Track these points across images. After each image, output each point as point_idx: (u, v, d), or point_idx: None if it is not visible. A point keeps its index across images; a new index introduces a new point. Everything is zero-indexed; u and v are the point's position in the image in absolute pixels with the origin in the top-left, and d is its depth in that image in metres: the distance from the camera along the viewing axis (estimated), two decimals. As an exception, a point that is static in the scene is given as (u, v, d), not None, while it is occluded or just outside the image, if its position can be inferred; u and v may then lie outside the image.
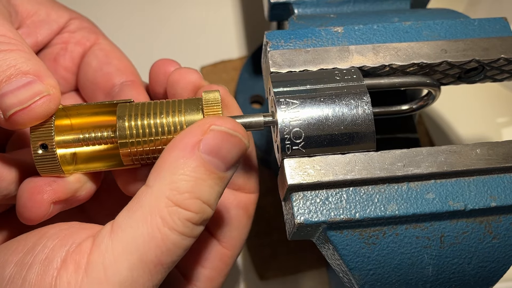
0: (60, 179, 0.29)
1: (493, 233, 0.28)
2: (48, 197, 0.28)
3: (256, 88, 0.53)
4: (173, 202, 0.25)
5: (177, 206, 0.25)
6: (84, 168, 0.29)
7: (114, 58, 0.36)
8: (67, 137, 0.29)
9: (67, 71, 0.37)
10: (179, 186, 0.25)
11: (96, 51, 0.36)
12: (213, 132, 0.26)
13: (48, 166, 0.28)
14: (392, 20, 0.33)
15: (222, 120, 0.27)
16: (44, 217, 0.29)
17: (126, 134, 0.28)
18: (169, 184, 0.26)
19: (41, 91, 0.27)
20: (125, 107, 0.28)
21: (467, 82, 0.33)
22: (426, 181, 0.28)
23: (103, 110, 0.29)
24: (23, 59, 0.27)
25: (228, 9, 0.59)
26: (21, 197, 0.28)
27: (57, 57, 0.36)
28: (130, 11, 0.58)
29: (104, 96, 0.35)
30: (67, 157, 0.29)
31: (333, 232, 0.27)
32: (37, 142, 0.27)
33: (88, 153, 0.30)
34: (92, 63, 0.36)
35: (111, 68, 0.35)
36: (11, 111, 0.26)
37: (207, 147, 0.26)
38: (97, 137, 0.29)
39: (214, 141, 0.26)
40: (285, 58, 0.30)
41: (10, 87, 0.26)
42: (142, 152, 0.28)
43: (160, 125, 0.28)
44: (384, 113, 0.34)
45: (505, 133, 0.53)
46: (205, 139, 0.26)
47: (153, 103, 0.28)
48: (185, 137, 0.26)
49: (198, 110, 0.28)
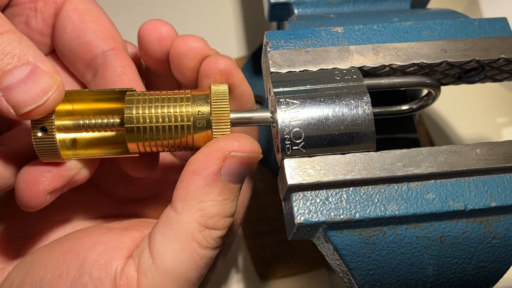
0: (55, 168, 0.29)
1: (493, 233, 0.28)
2: (44, 188, 0.28)
3: (256, 88, 0.53)
4: (205, 226, 0.28)
5: (208, 229, 0.28)
6: (83, 154, 0.29)
7: (91, 21, 0.32)
8: (67, 122, 0.29)
9: (42, 35, 0.33)
10: (208, 212, 0.28)
11: (70, 13, 0.32)
12: (232, 158, 0.28)
13: (47, 150, 0.28)
14: (392, 20, 0.33)
15: (240, 143, 0.28)
16: (42, 206, 0.29)
17: (133, 123, 0.28)
18: (198, 211, 0.28)
19: (51, 85, 0.26)
20: (133, 97, 0.28)
21: (467, 82, 0.33)
22: (426, 181, 0.28)
23: (105, 96, 0.29)
24: (15, 43, 0.26)
25: (228, 9, 0.59)
26: (18, 188, 0.28)
27: (28, 20, 0.33)
28: (130, 11, 0.58)
29: (85, 66, 0.33)
30: (66, 142, 0.29)
31: (333, 232, 0.27)
32: (37, 125, 0.27)
33: (88, 139, 0.30)
34: (67, 29, 0.32)
35: (89, 35, 0.32)
36: (26, 109, 0.26)
37: (228, 171, 0.28)
38: (98, 123, 0.29)
39: (234, 166, 0.28)
40: (285, 58, 0.30)
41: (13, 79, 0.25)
42: (149, 144, 0.28)
43: (167, 118, 0.28)
44: (384, 113, 0.34)
45: (505, 133, 0.53)
46: (226, 166, 0.28)
47: (161, 95, 0.28)
48: (206, 162, 0.28)
49: (206, 103, 0.28)
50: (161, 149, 0.29)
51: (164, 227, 0.28)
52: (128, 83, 0.32)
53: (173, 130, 0.28)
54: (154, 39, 0.32)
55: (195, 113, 0.28)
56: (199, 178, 0.28)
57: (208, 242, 0.28)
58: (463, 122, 0.54)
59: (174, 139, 0.28)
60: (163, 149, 0.29)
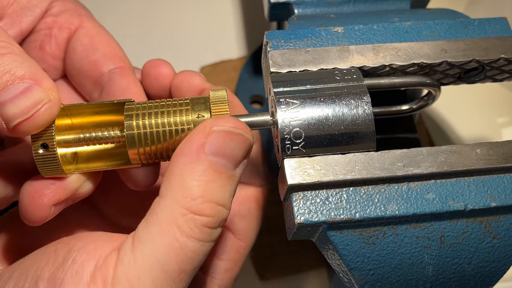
0: (59, 181, 0.29)
1: (493, 233, 0.28)
2: (48, 200, 0.28)
3: (256, 88, 0.53)
4: (187, 209, 0.26)
5: (192, 213, 0.26)
6: (85, 167, 0.29)
7: (100, 43, 0.35)
8: (67, 136, 0.29)
9: (55, 58, 0.36)
10: (191, 192, 0.26)
11: (81, 36, 0.35)
12: (215, 133, 0.26)
13: (49, 165, 0.28)
14: (392, 20, 0.33)
15: (223, 120, 0.27)
16: (46, 219, 0.29)
17: (133, 133, 0.28)
18: (181, 191, 0.26)
19: (41, 99, 0.26)
20: (132, 106, 0.28)
21: (467, 82, 0.33)
22: (426, 181, 0.28)
23: (104, 109, 0.29)
24: (16, 63, 0.26)
25: (228, 9, 0.59)
26: (22, 201, 0.28)
27: (43, 44, 0.35)
28: (130, 11, 0.58)
29: (92, 85, 0.34)
30: (67, 157, 0.29)
31: (333, 232, 0.27)
32: (38, 142, 0.27)
33: (89, 152, 0.30)
34: (77, 50, 0.35)
35: (97, 55, 0.34)
36: (15, 121, 0.26)
37: (212, 148, 0.26)
38: (99, 136, 0.29)
39: (217, 141, 0.26)
40: (285, 58, 0.30)
41: (8, 95, 0.26)
42: (150, 151, 0.28)
43: (167, 124, 0.28)
44: (384, 113, 0.34)
45: (505, 133, 0.53)
46: (208, 141, 0.26)
47: (160, 102, 0.28)
48: (189, 142, 0.27)
49: (205, 109, 0.28)
50: (162, 158, 0.29)
51: (149, 213, 0.26)
52: (133, 97, 0.32)
53: (174, 134, 0.28)
54: (153, 77, 0.34)
55: (195, 117, 0.28)
56: (181, 157, 0.26)
57: (190, 229, 0.25)
58: (463, 122, 0.54)
59: (175, 144, 0.28)
60: (164, 157, 0.29)
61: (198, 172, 0.26)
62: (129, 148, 0.28)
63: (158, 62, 0.34)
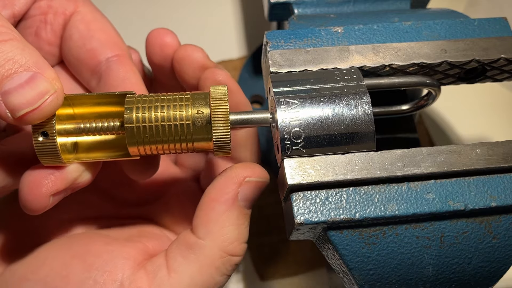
0: (58, 171, 0.29)
1: (493, 233, 0.28)
2: (47, 190, 0.28)
3: (256, 88, 0.53)
4: (226, 252, 0.30)
5: (229, 256, 0.30)
6: (85, 157, 0.30)
7: (97, 30, 0.34)
8: (68, 126, 0.29)
9: (51, 45, 0.35)
10: (229, 237, 0.30)
11: (77, 23, 0.34)
12: (248, 183, 0.30)
13: (48, 153, 0.28)
14: (392, 20, 0.33)
15: (252, 170, 0.31)
16: (45, 209, 0.29)
17: (133, 126, 0.28)
18: (220, 236, 0.30)
19: (47, 89, 0.26)
20: (133, 99, 0.28)
21: (467, 82, 0.33)
22: (426, 181, 0.28)
23: (106, 100, 0.29)
24: (18, 50, 0.26)
25: (228, 9, 0.59)
26: (21, 191, 0.29)
27: (38, 31, 0.34)
28: (130, 11, 0.58)
29: (90, 73, 0.34)
30: (67, 146, 0.29)
31: (333, 232, 0.27)
32: (38, 129, 0.27)
33: (89, 143, 0.30)
34: (73, 37, 0.34)
35: (94, 43, 0.33)
36: (21, 112, 0.26)
37: (244, 197, 0.30)
38: (99, 127, 0.29)
39: (249, 191, 0.30)
40: (285, 58, 0.30)
41: (12, 84, 0.26)
42: (149, 144, 0.28)
43: (167, 118, 0.28)
44: (384, 113, 0.34)
45: (505, 133, 0.53)
46: (242, 191, 0.30)
47: (161, 96, 0.29)
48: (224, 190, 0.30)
49: (205, 105, 0.28)
50: (161, 151, 0.29)
51: (186, 250, 0.30)
52: (131, 87, 0.32)
53: (173, 129, 0.28)
54: (157, 46, 0.35)
55: (194, 112, 0.28)
56: (219, 204, 0.30)
57: (226, 269, 0.30)
58: (463, 122, 0.54)
59: (174, 138, 0.28)
60: (163, 151, 0.29)
61: (233, 218, 0.30)
62: (128, 140, 0.28)
63: (163, 31, 0.35)
